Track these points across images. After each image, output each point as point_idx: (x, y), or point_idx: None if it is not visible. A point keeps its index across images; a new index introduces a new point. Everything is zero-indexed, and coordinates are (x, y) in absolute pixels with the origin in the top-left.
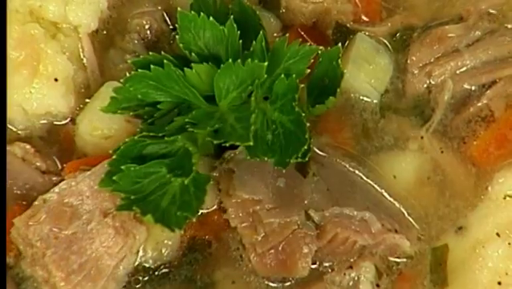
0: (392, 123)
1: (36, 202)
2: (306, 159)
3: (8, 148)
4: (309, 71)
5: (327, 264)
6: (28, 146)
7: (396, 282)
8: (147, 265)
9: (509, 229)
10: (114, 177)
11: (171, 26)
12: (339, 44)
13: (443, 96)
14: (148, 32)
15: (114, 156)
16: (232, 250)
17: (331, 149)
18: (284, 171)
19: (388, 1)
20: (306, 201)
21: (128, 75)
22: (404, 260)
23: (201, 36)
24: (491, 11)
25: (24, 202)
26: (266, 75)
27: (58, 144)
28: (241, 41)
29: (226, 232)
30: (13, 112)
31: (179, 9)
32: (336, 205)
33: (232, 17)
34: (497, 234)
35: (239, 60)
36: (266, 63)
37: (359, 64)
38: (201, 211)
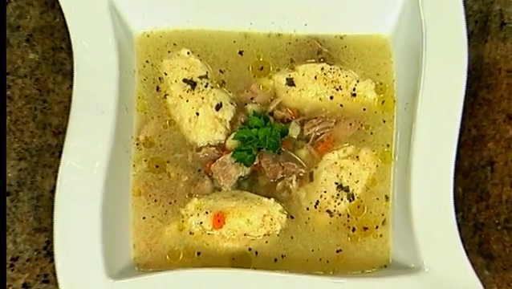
0: (300, 142)
1: (216, 161)
2: (280, 151)
3: (210, 149)
4: (280, 129)
5: (284, 176)
6: (213, 148)
7: (300, 180)
8: (241, 175)
9: (326, 167)
10: (234, 155)
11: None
12: (288, 124)
13: (310, 136)
14: (243, 120)
15: (234, 150)
16: (263, 172)
17: (286, 149)
18: (274, 153)
19: (296, 114)
20: (279, 160)
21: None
22: (302, 174)
23: (256, 122)
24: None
25: (212, 161)
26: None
27: (220, 147)
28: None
29: (260, 168)
30: (208, 140)
31: (250, 115)
32: (288, 162)
33: (263, 119)
34: (325, 168)
35: (264, 129)
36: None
37: (291, 128)
38: (254, 163)
